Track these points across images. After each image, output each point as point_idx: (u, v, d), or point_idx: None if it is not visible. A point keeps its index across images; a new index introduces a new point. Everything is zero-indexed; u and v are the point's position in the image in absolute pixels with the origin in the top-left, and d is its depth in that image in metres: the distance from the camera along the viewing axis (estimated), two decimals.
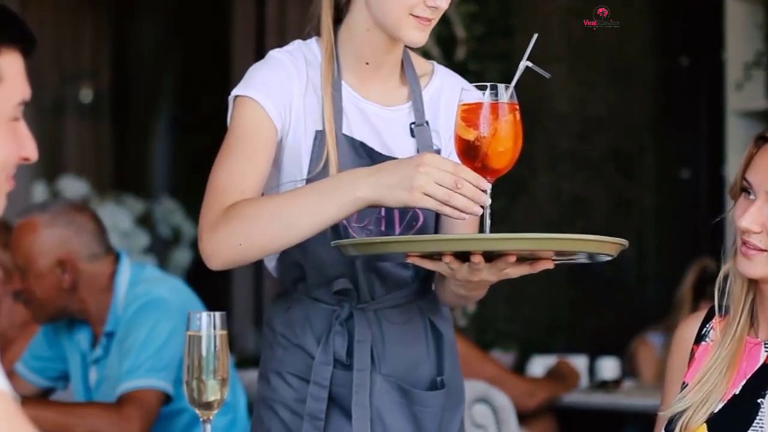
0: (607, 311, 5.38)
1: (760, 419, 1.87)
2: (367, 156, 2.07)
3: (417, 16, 2.02)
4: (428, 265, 1.91)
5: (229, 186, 2.06)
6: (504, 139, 1.92)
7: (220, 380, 1.82)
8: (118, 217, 5.46)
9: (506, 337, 5.06)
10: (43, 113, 6.11)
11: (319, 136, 2.07)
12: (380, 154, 2.08)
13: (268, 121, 2.04)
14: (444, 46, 4.89)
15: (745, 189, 1.94)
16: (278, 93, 2.06)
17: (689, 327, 2.04)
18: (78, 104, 6.44)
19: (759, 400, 1.89)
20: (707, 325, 2.01)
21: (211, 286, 3.11)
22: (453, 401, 2.16)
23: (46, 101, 6.20)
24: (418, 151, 2.10)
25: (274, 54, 2.11)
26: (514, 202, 5.15)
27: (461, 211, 1.86)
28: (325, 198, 1.90)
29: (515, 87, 1.96)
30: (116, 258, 2.99)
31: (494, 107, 1.90)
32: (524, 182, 5.21)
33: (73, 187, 5.53)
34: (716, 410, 1.91)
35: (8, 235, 3.20)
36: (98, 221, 3.02)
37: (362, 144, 2.08)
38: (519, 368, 4.66)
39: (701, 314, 2.04)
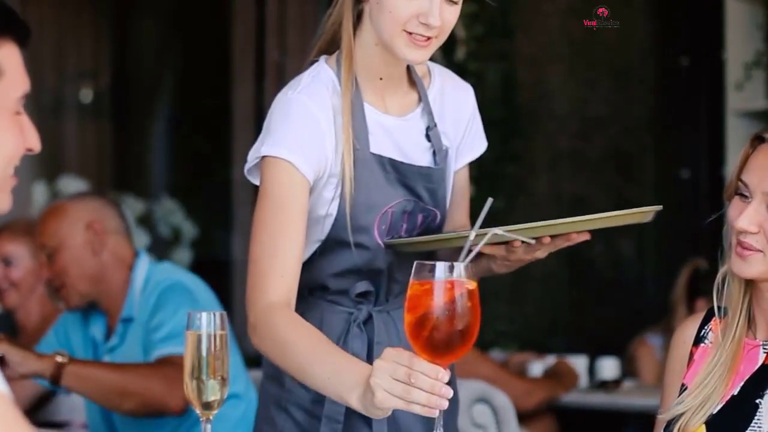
0: (607, 311, 5.38)
1: (758, 419, 1.87)
2: (393, 170, 2.09)
3: (410, 33, 2.00)
4: (490, 249, 1.97)
5: (268, 268, 2.01)
6: (458, 321, 1.69)
7: (220, 380, 1.82)
8: None
9: (506, 337, 5.06)
10: (43, 113, 6.11)
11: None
12: (402, 163, 2.09)
13: (303, 183, 2.01)
14: (444, 46, 4.89)
15: (740, 190, 1.93)
16: (313, 150, 2.02)
17: (688, 329, 2.03)
18: (78, 104, 6.44)
19: (757, 401, 1.89)
20: (706, 327, 2.01)
21: (211, 286, 3.12)
22: (454, 401, 2.16)
23: (46, 101, 6.20)
24: (434, 154, 2.13)
25: (296, 100, 2.05)
26: (514, 202, 5.15)
27: (425, 406, 1.70)
28: (332, 382, 1.87)
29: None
30: (135, 253, 3.11)
31: (449, 286, 1.68)
32: (524, 182, 5.21)
33: (73, 187, 5.53)
34: (715, 411, 1.90)
35: (33, 229, 3.35)
36: (121, 210, 3.21)
37: (390, 160, 2.09)
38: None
39: (700, 316, 2.04)
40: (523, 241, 1.92)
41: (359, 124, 2.07)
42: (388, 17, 2.00)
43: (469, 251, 1.72)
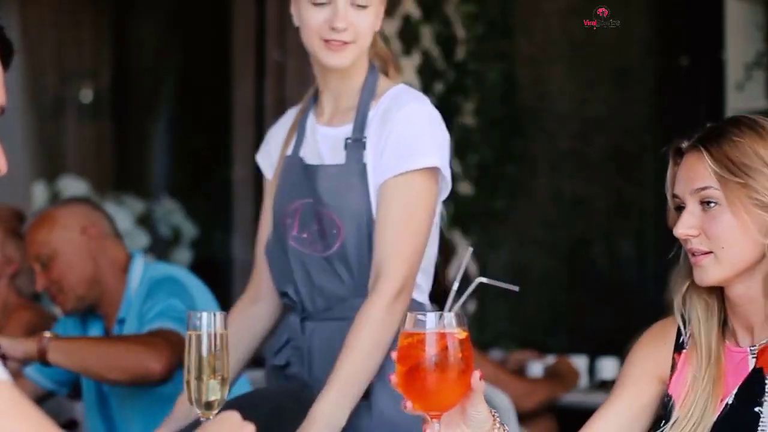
0: (607, 311, 5.38)
1: (763, 428, 1.84)
2: (301, 169, 2.28)
3: (327, 41, 2.19)
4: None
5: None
6: (450, 371, 1.67)
7: (221, 380, 1.82)
8: (118, 217, 5.45)
9: (506, 337, 5.06)
10: (43, 113, 6.11)
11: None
12: (310, 165, 2.27)
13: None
14: (444, 46, 4.89)
15: (677, 205, 1.94)
16: (265, 147, 2.41)
17: (669, 331, 2.01)
18: (78, 104, 6.44)
19: (756, 409, 1.86)
20: (684, 334, 1.98)
21: (210, 286, 3.13)
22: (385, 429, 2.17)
23: (46, 101, 6.20)
24: (346, 161, 2.25)
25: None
26: (514, 202, 5.15)
27: None
28: None
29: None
30: (129, 256, 3.13)
31: (440, 337, 1.67)
32: (524, 182, 5.21)
33: (73, 187, 5.53)
34: (712, 423, 1.88)
35: (14, 222, 3.32)
36: (108, 213, 3.24)
37: (300, 159, 2.29)
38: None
39: (676, 320, 2.01)
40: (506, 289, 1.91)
41: (299, 132, 2.32)
42: (306, 30, 2.23)
43: (456, 300, 1.73)
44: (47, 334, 2.69)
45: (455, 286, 1.75)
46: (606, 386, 4.39)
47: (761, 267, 1.89)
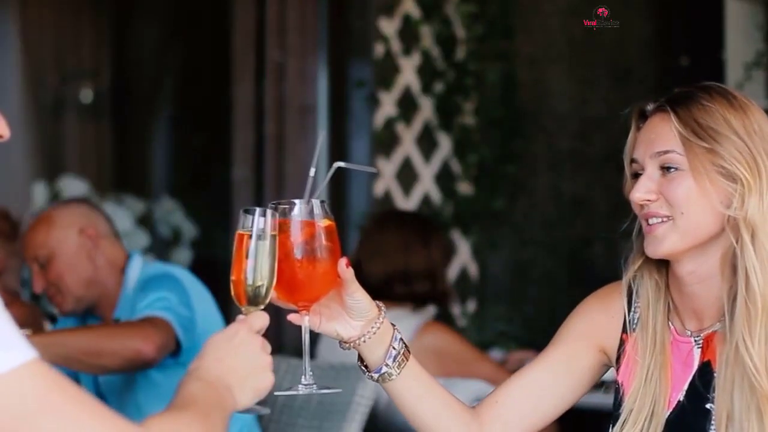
0: None
1: (715, 425, 1.77)
2: None
3: None
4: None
5: None
6: (311, 262, 1.67)
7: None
8: (118, 217, 5.46)
9: (506, 337, 5.06)
10: (43, 113, 6.11)
11: None
12: None
13: None
14: (444, 46, 4.89)
15: (633, 171, 1.84)
16: None
17: (616, 302, 1.92)
18: (78, 104, 6.44)
19: (708, 405, 1.79)
20: (633, 312, 1.90)
21: (210, 286, 3.13)
22: None
23: (46, 101, 6.20)
24: None
25: None
26: (514, 202, 5.15)
27: None
28: None
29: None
30: (127, 256, 3.13)
31: (303, 226, 1.67)
32: (524, 182, 5.21)
33: (73, 187, 5.53)
34: (664, 421, 1.82)
35: (3, 223, 3.33)
36: (106, 213, 3.22)
37: None
38: None
39: (621, 290, 1.92)
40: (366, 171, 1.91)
41: None
42: None
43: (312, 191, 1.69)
44: (25, 332, 2.68)
45: (312, 172, 1.69)
46: (606, 386, 4.39)
47: (717, 243, 1.79)
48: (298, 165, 4.64)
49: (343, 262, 1.67)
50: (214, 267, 5.75)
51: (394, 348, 1.78)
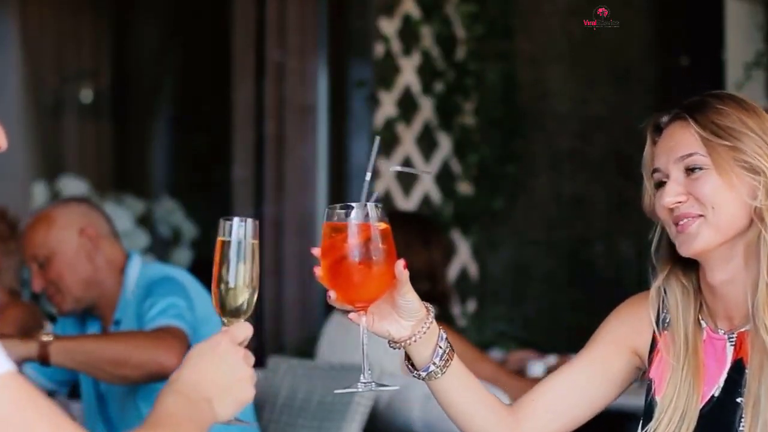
0: (607, 311, 5.38)
1: (744, 417, 1.82)
2: None
3: None
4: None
5: None
6: (374, 262, 1.70)
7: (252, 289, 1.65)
8: (118, 217, 5.46)
9: (506, 337, 5.06)
10: (43, 113, 6.11)
11: None
12: None
13: None
14: (444, 46, 4.89)
15: (656, 180, 1.91)
16: None
17: (647, 307, 1.99)
18: (78, 104, 6.44)
19: (739, 399, 1.84)
20: (664, 317, 1.96)
21: (210, 286, 3.13)
22: None
23: (46, 101, 6.20)
24: None
25: None
26: (514, 202, 5.15)
27: None
28: None
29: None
30: (126, 256, 3.11)
31: (361, 229, 1.70)
32: (524, 182, 5.21)
33: (73, 187, 5.53)
34: (698, 416, 1.86)
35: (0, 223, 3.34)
36: (106, 213, 3.20)
37: None
38: None
39: (652, 298, 1.98)
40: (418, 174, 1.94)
41: None
42: None
43: (370, 193, 1.73)
44: (47, 335, 2.66)
45: (368, 176, 1.72)
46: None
47: (742, 240, 1.84)
48: (298, 165, 4.63)
49: (400, 264, 1.70)
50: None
51: (440, 347, 1.83)
